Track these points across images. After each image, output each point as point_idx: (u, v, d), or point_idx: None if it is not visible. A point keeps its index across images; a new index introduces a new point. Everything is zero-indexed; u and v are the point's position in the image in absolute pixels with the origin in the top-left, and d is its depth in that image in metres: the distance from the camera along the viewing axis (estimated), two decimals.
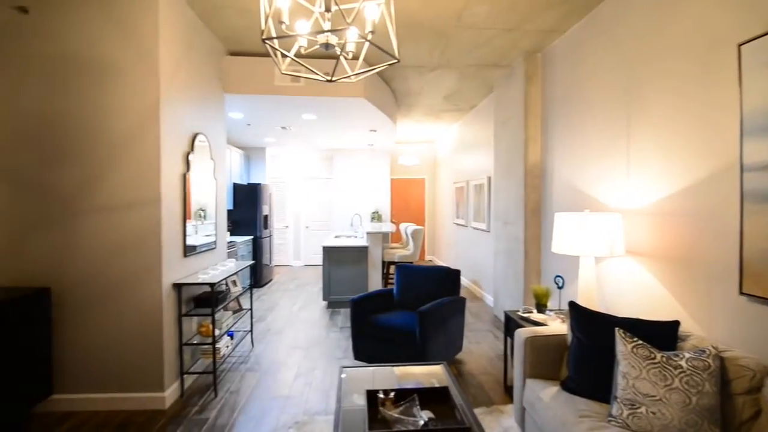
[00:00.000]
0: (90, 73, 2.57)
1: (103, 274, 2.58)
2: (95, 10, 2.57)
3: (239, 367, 3.34)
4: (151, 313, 2.61)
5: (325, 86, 3.95)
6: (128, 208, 2.59)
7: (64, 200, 2.57)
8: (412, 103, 5.99)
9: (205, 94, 3.39)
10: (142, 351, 2.61)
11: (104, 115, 2.58)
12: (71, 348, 2.58)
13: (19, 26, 2.56)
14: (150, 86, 2.60)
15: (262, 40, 1.50)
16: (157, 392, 2.62)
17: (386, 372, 2.27)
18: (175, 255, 2.79)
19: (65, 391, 2.57)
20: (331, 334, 4.19)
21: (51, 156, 2.56)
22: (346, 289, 5.17)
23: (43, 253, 2.55)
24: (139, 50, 2.59)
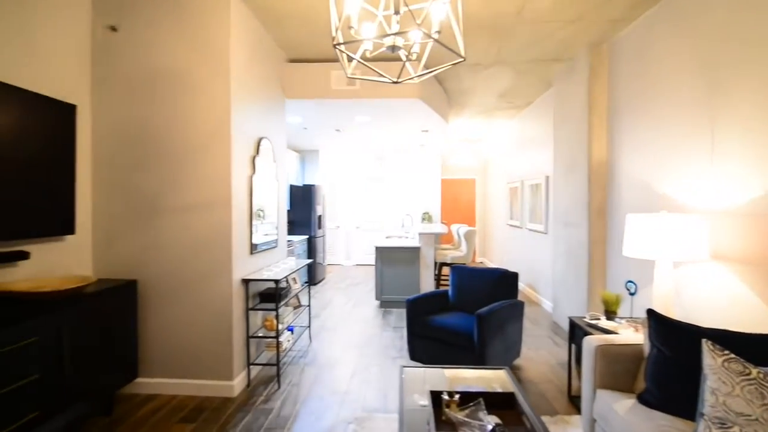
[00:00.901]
0: (171, 86, 2.80)
1: (181, 268, 2.80)
2: (175, 27, 2.79)
3: (299, 361, 3.47)
4: (223, 306, 2.79)
5: (381, 88, 4.01)
6: (203, 209, 2.79)
7: (149, 201, 2.82)
8: (464, 103, 5.90)
9: (268, 100, 3.57)
10: (214, 341, 2.80)
11: (183, 123, 2.80)
12: (153, 336, 2.82)
13: (110, 44, 2.85)
14: (222, 95, 2.78)
15: (333, 45, 1.55)
16: (227, 381, 2.80)
17: (446, 374, 2.26)
18: (242, 252, 2.97)
19: (148, 375, 2.82)
20: (384, 333, 4.23)
21: (139, 161, 2.82)
22: (399, 289, 5.20)
23: (131, 249, 2.82)
24: (212, 62, 2.78)
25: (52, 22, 2.52)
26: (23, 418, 1.88)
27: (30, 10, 2.38)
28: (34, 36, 2.40)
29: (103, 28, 2.84)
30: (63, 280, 2.36)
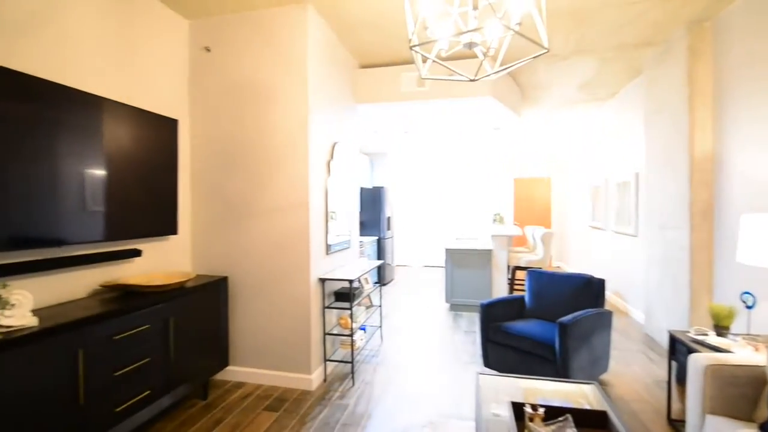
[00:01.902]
0: (256, 98, 3.03)
1: (265, 267, 3.01)
2: (260, 44, 3.01)
3: (371, 360, 3.54)
4: (302, 303, 2.94)
5: (451, 88, 3.95)
6: (284, 211, 2.97)
7: (238, 204, 3.07)
8: (539, 97, 5.57)
9: (341, 106, 3.70)
10: (294, 336, 2.96)
11: (267, 131, 3.00)
12: (241, 328, 3.06)
13: (204, 63, 3.16)
14: (301, 104, 2.94)
15: (410, 48, 1.55)
16: (306, 374, 2.94)
17: (524, 384, 2.14)
18: (319, 252, 3.10)
19: (237, 364, 3.06)
20: (456, 337, 4.15)
21: (229, 167, 3.09)
22: (469, 292, 5.07)
23: (223, 247, 3.10)
24: (292, 73, 2.95)
25: (158, 50, 2.87)
26: (139, 394, 2.15)
27: (141, 42, 2.72)
28: (144, 62, 2.75)
29: (199, 50, 3.16)
30: (168, 275, 2.66)
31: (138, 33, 2.69)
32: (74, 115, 2.15)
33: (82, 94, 2.19)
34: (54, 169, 2.04)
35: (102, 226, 2.31)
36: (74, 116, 2.15)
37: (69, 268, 2.21)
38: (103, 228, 2.32)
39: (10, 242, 1.86)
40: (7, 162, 1.84)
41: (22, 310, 1.69)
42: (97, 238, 2.28)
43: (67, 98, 2.12)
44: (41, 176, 1.98)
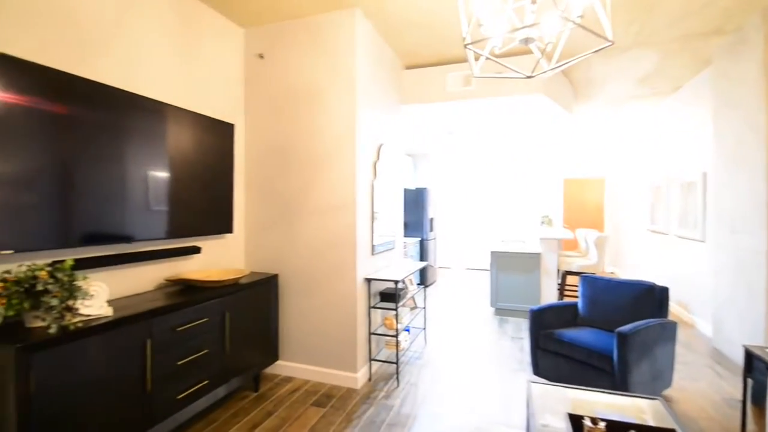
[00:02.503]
0: (306, 101, 3.12)
1: (313, 265, 3.09)
2: (311, 49, 3.10)
3: (415, 361, 3.52)
4: (348, 302, 2.98)
5: (500, 87, 3.85)
6: (332, 211, 3.03)
7: (288, 204, 3.17)
8: (593, 93, 5.30)
9: (387, 108, 3.72)
10: (341, 334, 3.00)
11: (316, 134, 3.08)
12: (290, 325, 3.16)
13: (258, 70, 3.29)
14: (349, 106, 2.99)
15: (464, 46, 1.53)
16: (351, 372, 2.98)
17: (580, 396, 2.04)
18: (365, 252, 3.13)
19: (285, 359, 3.17)
20: (502, 343, 4.03)
21: (280, 169, 3.20)
22: (516, 297, 4.91)
23: (273, 246, 3.21)
24: (341, 76, 3.01)
25: (216, 58, 3.03)
26: (198, 384, 2.28)
27: (201, 51, 2.89)
28: (204, 70, 2.92)
29: (253, 56, 3.30)
30: (223, 271, 2.79)
31: (198, 42, 2.85)
32: (142, 120, 2.32)
33: (149, 101, 2.36)
34: (123, 171, 2.21)
35: (166, 225, 2.48)
36: (141, 122, 2.32)
37: (138, 263, 2.38)
38: (167, 226, 2.49)
39: (84, 239, 2.04)
40: (82, 164, 2.01)
41: (99, 301, 1.85)
42: (161, 235, 2.45)
43: (136, 105, 2.29)
44: (112, 178, 2.15)
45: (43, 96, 1.82)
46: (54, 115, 1.86)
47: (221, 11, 3.04)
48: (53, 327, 1.59)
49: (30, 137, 1.78)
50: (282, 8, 3.00)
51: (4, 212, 1.68)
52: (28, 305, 1.59)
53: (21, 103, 1.73)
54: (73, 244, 1.97)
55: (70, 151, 1.94)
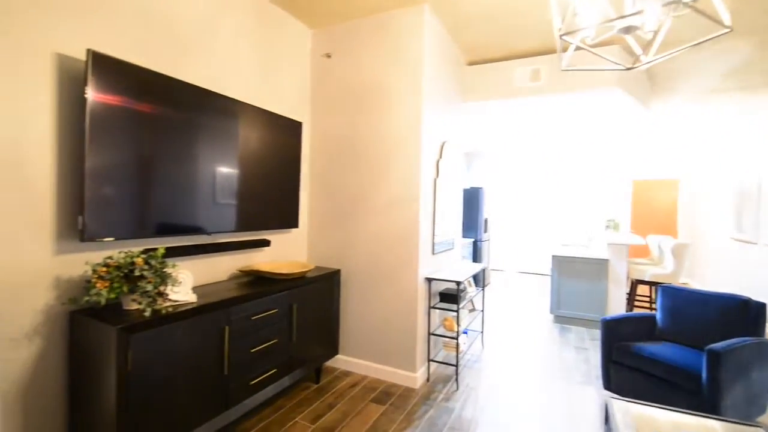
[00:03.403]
0: (371, 99, 3.13)
1: (374, 262, 3.10)
2: (377, 47, 3.11)
3: (473, 365, 3.43)
4: (409, 301, 2.96)
5: (573, 81, 3.64)
6: (394, 209, 3.03)
7: (351, 201, 3.21)
8: (673, 87, 4.85)
9: (449, 105, 3.65)
10: (400, 332, 2.99)
11: (380, 131, 3.09)
12: (350, 320, 3.20)
13: (324, 69, 3.36)
14: (415, 104, 2.96)
15: (558, 36, 1.44)
16: (410, 372, 2.96)
17: (664, 416, 1.87)
18: (426, 252, 3.10)
19: (344, 354, 3.21)
20: (564, 353, 3.82)
21: (344, 166, 3.25)
22: (579, 305, 4.64)
23: (336, 241, 3.27)
24: (408, 73, 2.99)
25: (287, 58, 3.13)
26: (267, 372, 2.36)
27: (273, 52, 3.00)
28: (278, 71, 3.02)
29: (320, 56, 3.37)
30: (290, 264, 2.88)
31: (272, 43, 2.96)
32: (222, 119, 2.45)
33: (230, 101, 2.48)
34: (204, 167, 2.34)
35: (240, 219, 2.60)
36: (221, 120, 2.45)
37: (215, 253, 2.52)
38: (241, 220, 2.61)
39: (169, 230, 2.18)
40: (169, 161, 2.15)
41: (185, 288, 1.97)
42: (235, 228, 2.57)
43: (218, 104, 2.41)
44: (194, 174, 2.28)
45: (136, 95, 1.96)
46: (145, 113, 2.01)
47: (294, 14, 3.13)
48: (148, 310, 1.71)
49: (125, 135, 1.92)
50: (351, 7, 3.03)
51: (106, 204, 1.84)
52: (127, 289, 1.73)
53: (116, 102, 1.88)
54: (160, 234, 2.11)
55: (159, 148, 2.08)
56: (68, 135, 1.78)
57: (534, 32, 3.41)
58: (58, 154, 1.76)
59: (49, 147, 1.73)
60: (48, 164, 1.73)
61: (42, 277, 1.72)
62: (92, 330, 1.70)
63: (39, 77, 1.69)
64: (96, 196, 1.78)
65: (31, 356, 1.69)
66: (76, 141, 1.79)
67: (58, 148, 1.76)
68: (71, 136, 1.79)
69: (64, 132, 1.78)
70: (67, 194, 1.79)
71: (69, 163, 1.79)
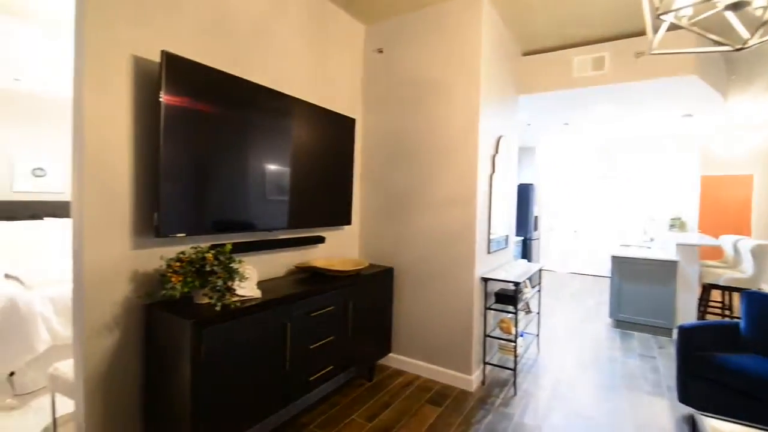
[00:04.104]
0: (426, 94, 3.06)
1: (428, 261, 3.04)
2: (432, 41, 3.02)
3: (530, 369, 3.29)
4: (464, 301, 2.87)
5: (639, 70, 3.37)
6: (449, 206, 2.94)
7: (404, 198, 3.16)
8: (754, 73, 4.39)
9: (505, 98, 3.50)
10: (455, 333, 2.91)
11: (435, 127, 3.01)
12: (402, 319, 3.16)
13: (376, 64, 3.32)
14: (472, 98, 2.86)
15: (656, 16, 1.30)
16: (465, 374, 2.87)
17: None
18: (482, 250, 2.99)
19: (397, 352, 3.18)
20: (629, 360, 3.57)
21: (396, 162, 3.20)
22: (643, 309, 4.32)
23: (388, 238, 3.24)
24: (464, 66, 2.89)
25: (340, 55, 3.12)
26: (325, 368, 2.37)
27: (327, 48, 3.00)
28: (331, 67, 3.02)
29: (372, 52, 3.34)
30: (344, 261, 2.88)
31: (326, 40, 2.96)
32: (281, 116, 2.47)
33: (288, 98, 2.50)
34: (264, 165, 2.36)
35: (296, 216, 2.62)
36: (281, 118, 2.47)
37: (273, 250, 2.56)
38: (297, 217, 2.63)
39: (233, 226, 2.23)
40: (230, 158, 2.18)
41: (251, 283, 2.00)
42: (292, 225, 2.59)
43: (278, 102, 2.43)
44: (256, 172, 2.31)
45: (205, 95, 2.01)
46: (212, 113, 2.05)
47: (347, 10, 3.12)
48: (218, 305, 1.75)
49: (194, 134, 1.97)
50: (404, 1, 2.96)
51: (178, 201, 1.90)
52: (198, 284, 1.78)
53: (187, 102, 1.93)
54: (224, 230, 2.16)
55: (223, 147, 2.11)
56: (141, 134, 1.85)
57: (597, 18, 3.18)
58: (134, 153, 1.83)
59: (126, 147, 1.80)
60: (126, 164, 1.81)
61: (121, 271, 1.80)
62: (167, 322, 1.77)
63: (119, 79, 1.76)
64: (169, 194, 1.84)
65: (111, 345, 1.78)
66: (148, 140, 1.86)
67: (134, 148, 1.83)
68: (144, 136, 1.86)
69: (139, 132, 1.85)
70: (142, 192, 1.86)
71: (142, 162, 1.86)
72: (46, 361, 2.66)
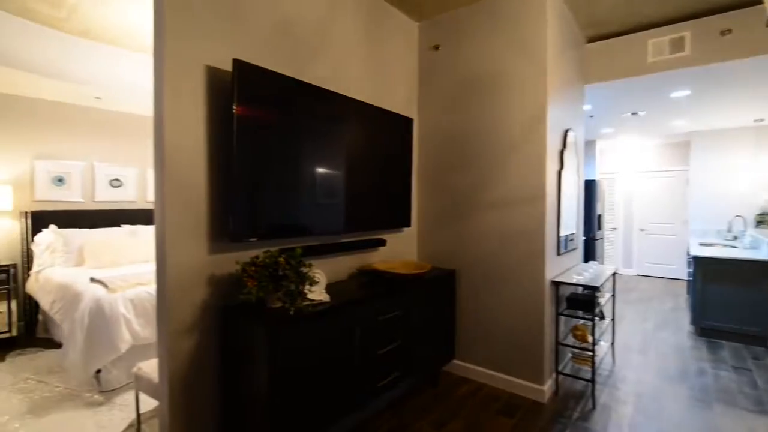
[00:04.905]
0: (486, 90, 2.92)
1: (492, 263, 2.90)
2: (492, 33, 2.89)
3: (606, 381, 3.04)
4: (534, 305, 2.70)
5: (726, 49, 3.02)
6: (515, 205, 2.79)
7: (464, 197, 3.04)
8: None
9: (570, 89, 3.28)
10: (525, 340, 2.75)
11: (498, 123, 2.87)
12: (466, 324, 3.03)
13: (432, 61, 3.23)
14: (538, 89, 2.69)
15: None
16: (537, 384, 2.70)
17: None
18: (551, 252, 2.80)
19: (460, 359, 3.06)
20: (720, 373, 3.20)
21: (454, 162, 3.09)
22: (735, 316, 3.88)
23: (448, 240, 3.13)
24: (528, 57, 2.73)
25: (394, 54, 3.07)
26: (391, 374, 2.31)
27: (381, 48, 2.96)
28: (387, 67, 2.98)
29: (427, 49, 3.26)
30: (405, 263, 2.81)
31: (381, 40, 2.92)
32: (343, 119, 2.45)
33: (351, 101, 2.48)
34: (325, 168, 2.35)
35: (359, 219, 2.59)
36: (343, 121, 2.45)
37: (338, 253, 2.54)
38: (360, 220, 2.60)
39: (302, 230, 2.23)
40: (296, 162, 2.18)
41: (320, 287, 1.99)
42: (354, 228, 2.57)
43: (342, 105, 2.42)
44: (317, 174, 2.30)
45: (274, 101, 2.03)
46: (280, 117, 2.07)
47: (400, 7, 3.06)
48: (292, 309, 1.75)
49: (264, 139, 1.98)
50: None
51: (251, 207, 1.92)
52: (272, 288, 1.79)
53: (257, 108, 1.95)
54: (291, 234, 2.18)
55: (290, 152, 2.12)
56: (214, 140, 1.90)
57: None
58: (208, 160, 1.88)
59: (202, 154, 1.85)
60: (202, 171, 1.85)
61: (199, 275, 1.85)
62: (244, 325, 1.79)
63: (194, 88, 1.81)
64: (242, 200, 1.87)
65: (191, 347, 1.83)
66: (221, 147, 1.90)
67: (208, 155, 1.88)
68: (217, 142, 1.90)
69: (212, 138, 1.89)
70: (216, 199, 1.90)
71: (216, 169, 1.90)
72: (128, 360, 2.84)
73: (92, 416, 2.51)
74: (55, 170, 4.28)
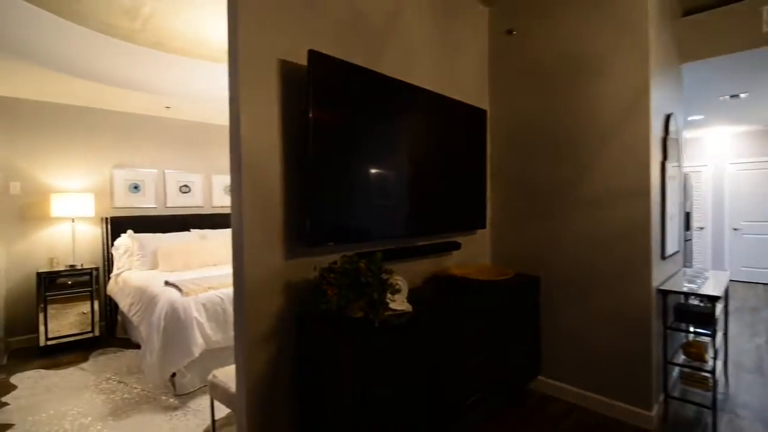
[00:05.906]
0: (570, 74, 2.61)
1: (584, 269, 2.57)
2: (576, 10, 2.58)
3: (723, 406, 2.58)
4: (638, 317, 2.35)
5: None
6: (613, 201, 2.45)
7: (545, 195, 2.74)
8: None
9: (667, 69, 2.85)
10: (625, 357, 2.39)
11: (586, 109, 2.55)
12: (553, 336, 2.71)
13: (505, 48, 2.96)
14: (639, 68, 2.34)
15: None
16: (642, 408, 2.33)
17: None
18: (655, 255, 2.42)
19: (547, 376, 2.74)
20: None
21: (533, 156, 2.80)
22: None
23: (526, 242, 2.84)
24: (626, 33, 2.39)
25: (463, 42, 2.84)
26: (477, 390, 2.08)
27: (452, 37, 2.74)
28: (456, 55, 2.76)
29: (500, 34, 2.99)
30: (480, 269, 2.57)
31: (449, 27, 2.70)
32: (419, 115, 2.27)
33: (423, 92, 2.29)
34: (400, 168, 2.17)
35: (434, 221, 2.40)
36: (418, 116, 2.26)
37: (413, 258, 2.36)
38: (435, 222, 2.41)
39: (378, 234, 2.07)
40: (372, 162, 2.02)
41: (402, 296, 1.81)
42: (429, 231, 2.38)
43: (412, 97, 2.23)
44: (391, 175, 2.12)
45: (350, 95, 1.88)
46: (356, 114, 1.92)
47: None
48: (377, 321, 1.58)
49: (338, 137, 1.84)
50: None
51: (327, 210, 1.79)
52: (353, 297, 1.63)
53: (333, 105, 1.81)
54: (365, 238, 2.02)
55: (365, 150, 1.97)
56: (288, 139, 1.78)
57: None
58: (283, 161, 1.77)
59: (277, 152, 1.75)
60: (277, 173, 1.75)
61: (276, 282, 1.74)
62: (324, 337, 1.65)
63: (269, 81, 1.71)
64: (318, 202, 1.74)
65: (269, 357, 1.73)
66: (295, 146, 1.78)
67: (283, 153, 1.77)
68: (291, 140, 1.79)
69: (286, 136, 1.78)
70: (291, 202, 1.79)
71: (290, 170, 1.79)
72: (200, 364, 2.84)
73: (168, 420, 2.51)
74: (131, 178, 4.50)
